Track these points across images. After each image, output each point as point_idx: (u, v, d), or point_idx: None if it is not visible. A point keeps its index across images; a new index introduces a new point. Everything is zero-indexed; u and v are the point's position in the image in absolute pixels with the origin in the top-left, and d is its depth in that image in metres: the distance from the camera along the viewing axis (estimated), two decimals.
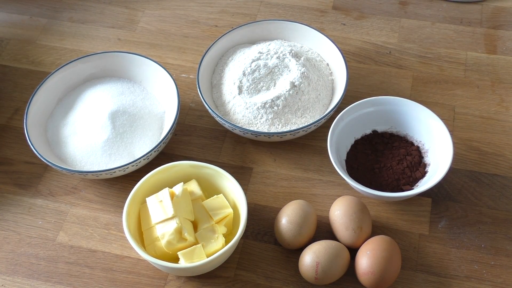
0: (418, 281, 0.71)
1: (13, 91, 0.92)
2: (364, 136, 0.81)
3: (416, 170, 0.77)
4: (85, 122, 0.81)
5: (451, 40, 0.95)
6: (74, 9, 1.03)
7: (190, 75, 0.93)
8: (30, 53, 0.97)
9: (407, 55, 0.93)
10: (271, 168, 0.82)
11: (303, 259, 0.69)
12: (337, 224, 0.72)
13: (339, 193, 0.79)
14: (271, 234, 0.76)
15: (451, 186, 0.79)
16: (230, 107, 0.83)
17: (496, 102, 0.87)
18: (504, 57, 0.92)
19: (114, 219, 0.78)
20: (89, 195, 0.80)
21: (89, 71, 0.88)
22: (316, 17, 1.00)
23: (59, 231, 0.77)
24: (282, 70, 0.83)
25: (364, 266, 0.67)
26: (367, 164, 0.78)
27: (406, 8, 1.00)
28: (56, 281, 0.73)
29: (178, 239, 0.68)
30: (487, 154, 0.81)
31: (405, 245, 0.74)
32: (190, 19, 1.01)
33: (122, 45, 0.98)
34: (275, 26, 0.90)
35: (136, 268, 0.74)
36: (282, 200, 0.78)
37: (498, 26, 0.96)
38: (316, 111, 0.82)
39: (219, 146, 0.84)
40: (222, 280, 0.72)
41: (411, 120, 0.80)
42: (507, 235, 0.74)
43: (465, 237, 0.74)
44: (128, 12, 1.02)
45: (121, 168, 0.76)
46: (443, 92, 0.88)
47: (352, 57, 0.93)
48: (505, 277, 0.71)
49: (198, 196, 0.73)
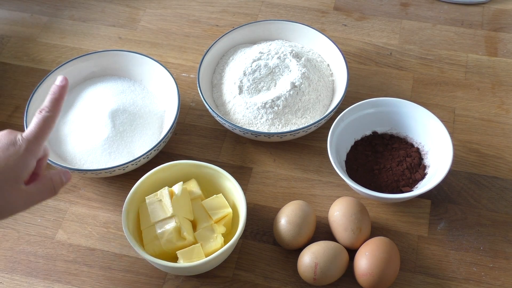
0: (416, 282, 0.71)
1: (13, 88, 0.92)
2: (364, 137, 0.81)
3: (415, 171, 0.77)
4: (85, 120, 0.81)
5: (452, 42, 0.95)
6: (75, 7, 1.03)
7: (191, 75, 0.93)
8: (30, 51, 0.97)
9: (408, 56, 0.93)
10: (271, 168, 0.82)
11: (302, 259, 0.69)
12: (336, 225, 0.72)
13: (339, 194, 0.79)
14: (270, 234, 0.76)
15: (451, 188, 0.79)
16: (230, 107, 0.83)
17: (497, 105, 0.87)
18: (505, 59, 0.92)
19: (113, 218, 0.78)
20: (88, 193, 0.80)
21: (89, 70, 0.88)
22: (317, 18, 1.00)
23: (58, 229, 0.77)
24: (283, 71, 0.83)
25: (363, 267, 0.67)
26: (367, 165, 0.78)
27: (407, 10, 1.00)
28: (55, 279, 0.73)
29: (177, 238, 0.68)
30: (487, 157, 0.81)
31: (404, 246, 0.74)
32: (191, 19, 1.01)
33: (123, 43, 0.98)
34: (276, 26, 0.90)
35: (135, 267, 0.74)
36: (281, 201, 0.78)
37: (499, 29, 0.96)
38: (316, 111, 0.82)
39: (219, 145, 0.84)
40: (220, 280, 0.72)
41: (411, 121, 0.80)
42: (506, 237, 0.74)
43: (464, 239, 0.74)
44: (129, 11, 1.02)
45: (120, 167, 0.76)
46: (444, 94, 0.88)
47: (352, 58, 0.93)
48: (503, 280, 0.71)
49: (197, 195, 0.73)
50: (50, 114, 0.63)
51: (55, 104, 0.63)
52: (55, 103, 0.63)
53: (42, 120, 0.62)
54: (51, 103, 0.63)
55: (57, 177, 0.65)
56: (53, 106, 0.63)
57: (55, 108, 0.63)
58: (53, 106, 0.63)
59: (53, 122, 0.63)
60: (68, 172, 0.66)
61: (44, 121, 0.62)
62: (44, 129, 0.62)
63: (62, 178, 0.65)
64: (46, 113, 0.62)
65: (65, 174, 0.66)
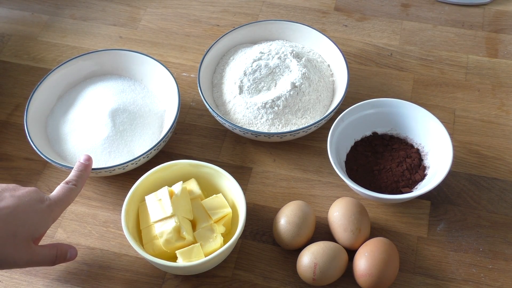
0: (415, 283, 0.71)
1: (14, 87, 0.92)
2: (364, 138, 0.81)
3: (415, 172, 0.77)
4: (85, 119, 0.81)
5: (453, 43, 0.95)
6: (76, 6, 1.03)
7: (191, 74, 0.93)
8: (31, 50, 0.97)
9: (408, 57, 0.93)
10: (271, 168, 0.82)
11: (301, 259, 0.69)
12: (335, 225, 0.72)
13: (338, 194, 0.79)
14: (269, 234, 0.76)
15: (450, 189, 0.79)
16: (230, 107, 0.83)
17: (497, 106, 0.87)
18: (505, 61, 0.92)
19: (113, 217, 0.78)
20: (88, 192, 0.80)
21: (90, 69, 0.88)
22: (318, 18, 1.00)
23: (58, 228, 0.77)
24: (283, 71, 0.83)
25: (362, 268, 0.67)
26: (367, 166, 0.78)
27: (408, 10, 1.00)
28: (54, 278, 0.73)
29: (177, 238, 0.68)
30: (487, 158, 0.81)
31: (404, 247, 0.74)
32: (192, 18, 1.01)
33: (124, 43, 0.98)
34: (276, 27, 0.90)
35: (134, 266, 0.74)
36: (281, 201, 0.78)
37: (499, 30, 0.96)
38: (317, 112, 0.82)
39: (219, 145, 0.84)
40: (220, 280, 0.72)
41: (411, 122, 0.80)
42: (505, 239, 0.74)
43: (463, 240, 0.74)
44: (130, 10, 1.02)
45: (120, 166, 0.76)
46: (444, 95, 0.88)
47: (353, 59, 0.93)
48: (503, 281, 0.71)
49: (197, 195, 0.73)
50: (75, 188, 0.69)
51: (80, 179, 0.70)
52: (81, 178, 0.70)
53: (68, 191, 0.68)
54: (77, 178, 0.70)
55: (63, 250, 0.68)
56: (79, 181, 0.70)
57: (80, 183, 0.70)
58: (78, 180, 0.70)
59: (76, 195, 0.69)
60: (75, 250, 0.70)
61: (70, 192, 0.68)
62: (68, 199, 0.68)
63: (67, 253, 0.69)
64: (72, 185, 0.68)
65: (72, 251, 0.69)
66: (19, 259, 0.63)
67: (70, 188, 0.68)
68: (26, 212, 0.63)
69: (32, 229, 0.63)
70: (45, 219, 0.65)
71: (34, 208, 0.64)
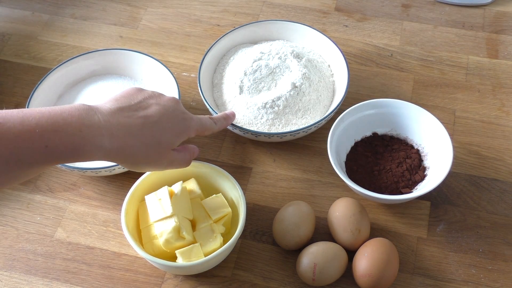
0: (415, 284, 0.71)
1: (14, 86, 0.92)
2: (364, 138, 0.81)
3: (415, 173, 0.77)
4: None
5: (453, 44, 0.95)
6: (76, 6, 1.03)
7: (191, 74, 0.93)
8: (31, 49, 0.97)
9: (409, 58, 0.93)
10: (271, 168, 0.82)
11: (301, 260, 0.69)
12: (335, 226, 0.72)
13: (338, 194, 0.79)
14: (269, 235, 0.76)
15: (450, 190, 0.79)
16: (230, 107, 0.83)
17: (497, 107, 0.87)
18: (506, 62, 0.92)
19: (113, 217, 0.78)
20: (88, 192, 0.80)
21: (90, 68, 0.88)
22: (318, 18, 1.00)
23: (57, 227, 0.77)
24: (283, 71, 0.83)
25: (362, 268, 0.67)
26: (367, 166, 0.78)
27: (409, 11, 1.00)
28: (53, 277, 0.73)
29: (176, 238, 0.68)
30: (487, 159, 0.81)
31: (403, 248, 0.74)
32: (192, 18, 1.01)
33: (124, 42, 0.98)
34: (277, 27, 0.90)
35: (134, 266, 0.74)
36: (281, 201, 0.78)
37: (500, 31, 0.96)
38: (317, 112, 0.82)
39: (219, 145, 0.84)
40: (219, 280, 0.72)
41: (412, 123, 0.80)
42: (505, 239, 0.74)
43: (463, 241, 0.74)
44: (131, 10, 1.02)
45: (120, 166, 0.76)
46: (444, 96, 0.88)
47: (353, 59, 0.93)
48: (502, 282, 0.71)
49: (197, 195, 0.73)
50: (214, 125, 0.73)
51: (221, 122, 0.75)
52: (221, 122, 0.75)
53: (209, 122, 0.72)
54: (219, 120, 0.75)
55: (193, 151, 0.71)
56: (219, 123, 0.74)
57: (220, 125, 0.74)
58: (219, 122, 0.74)
59: (211, 132, 0.73)
60: (197, 148, 0.73)
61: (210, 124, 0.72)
62: (204, 127, 0.71)
63: (195, 151, 0.72)
64: (214, 122, 0.73)
65: (196, 149, 0.72)
66: (160, 164, 0.66)
67: (211, 121, 0.72)
68: (170, 122, 0.66)
69: (174, 138, 0.66)
70: (184, 131, 0.67)
71: (177, 119, 0.67)
